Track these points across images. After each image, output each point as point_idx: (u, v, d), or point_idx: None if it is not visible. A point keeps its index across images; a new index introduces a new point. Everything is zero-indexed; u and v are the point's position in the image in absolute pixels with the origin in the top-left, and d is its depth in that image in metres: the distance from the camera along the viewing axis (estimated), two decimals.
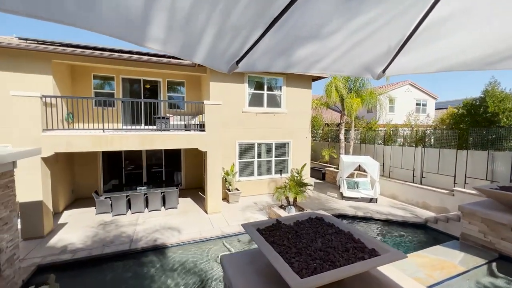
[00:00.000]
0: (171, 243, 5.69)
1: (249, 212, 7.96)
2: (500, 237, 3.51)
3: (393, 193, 10.42)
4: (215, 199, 7.65)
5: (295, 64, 1.39)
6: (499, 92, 9.50)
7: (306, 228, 2.08)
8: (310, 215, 2.41)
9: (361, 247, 1.84)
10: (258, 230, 2.04)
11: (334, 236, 1.99)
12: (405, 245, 6.29)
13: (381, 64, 1.41)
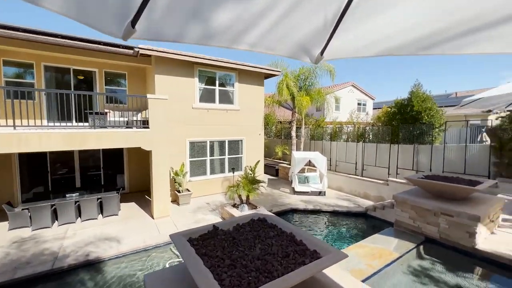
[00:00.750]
0: (108, 256, 4.95)
1: (201, 213, 7.52)
2: (426, 222, 3.84)
3: (339, 185, 11.08)
4: (163, 202, 7.00)
5: (216, 34, 1.12)
6: (421, 93, 10.83)
7: (246, 233, 1.86)
8: (252, 217, 2.20)
9: (302, 249, 1.68)
10: (190, 240, 1.73)
11: (276, 239, 1.81)
12: (349, 233, 6.65)
13: (318, 44, 1.25)
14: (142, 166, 9.10)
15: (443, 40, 1.06)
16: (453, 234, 3.54)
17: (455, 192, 3.86)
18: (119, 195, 7.10)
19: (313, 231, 6.51)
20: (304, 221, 7.33)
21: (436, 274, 3.15)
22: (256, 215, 2.25)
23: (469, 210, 3.51)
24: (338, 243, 5.76)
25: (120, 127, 6.64)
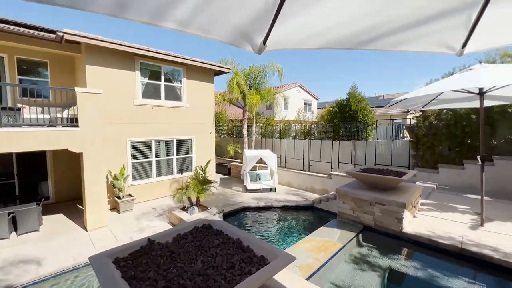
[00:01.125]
0: (22, 283, 4.06)
1: (146, 220, 6.86)
2: (364, 212, 4.18)
3: (289, 181, 11.50)
4: (98, 211, 6.13)
5: (132, 2, 0.87)
6: (357, 94, 12.01)
7: (187, 244, 1.65)
8: (196, 224, 1.99)
9: (249, 257, 1.56)
10: (116, 261, 1.44)
11: (221, 248, 1.64)
12: (298, 227, 6.92)
13: (260, 32, 1.13)
14: (73, 171, 7.84)
15: (380, 36, 1.06)
16: (385, 221, 3.92)
17: (387, 183, 4.30)
18: (41, 207, 5.95)
19: (265, 228, 6.55)
20: (257, 219, 7.34)
21: (372, 259, 3.42)
22: (200, 221, 2.04)
23: (397, 198, 3.92)
24: (289, 238, 5.91)
25: (41, 125, 5.54)
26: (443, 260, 3.40)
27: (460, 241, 3.47)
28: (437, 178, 8.19)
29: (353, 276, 3.05)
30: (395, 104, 5.20)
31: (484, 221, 4.04)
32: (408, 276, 3.19)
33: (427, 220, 4.22)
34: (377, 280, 3.02)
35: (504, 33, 1.13)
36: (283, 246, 5.26)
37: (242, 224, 6.91)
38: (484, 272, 3.09)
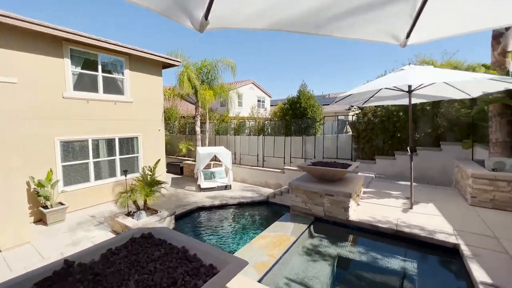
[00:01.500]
0: None
1: (83, 230, 5.96)
2: (315, 203, 4.32)
3: (244, 177, 11.45)
4: (15, 225, 5.06)
5: None
6: (307, 92, 12.61)
7: (119, 261, 1.36)
8: (133, 234, 1.69)
9: (196, 267, 1.36)
10: None
11: (162, 261, 1.40)
12: (254, 223, 6.90)
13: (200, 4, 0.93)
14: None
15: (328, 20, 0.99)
16: (334, 211, 4.11)
17: (334, 174, 4.52)
18: None
19: (221, 227, 6.34)
20: (212, 218, 7.07)
21: (323, 249, 3.54)
22: (139, 231, 1.75)
23: (343, 188, 4.14)
24: (246, 235, 5.82)
25: None
26: (383, 242, 3.73)
27: (395, 223, 3.85)
28: (375, 168, 9.11)
29: (306, 268, 3.10)
30: (340, 101, 5.51)
31: (413, 204, 4.59)
32: (354, 261, 3.39)
33: (369, 207, 4.59)
34: (328, 269, 3.12)
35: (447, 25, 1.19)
36: (239, 244, 5.14)
37: (197, 225, 6.57)
38: (414, 250, 3.48)
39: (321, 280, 2.90)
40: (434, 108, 8.38)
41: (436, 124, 8.43)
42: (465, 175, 5.11)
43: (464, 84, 4.42)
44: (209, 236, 5.71)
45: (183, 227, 6.33)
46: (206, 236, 5.71)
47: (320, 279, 2.91)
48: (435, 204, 4.71)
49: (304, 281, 2.87)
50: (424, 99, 5.41)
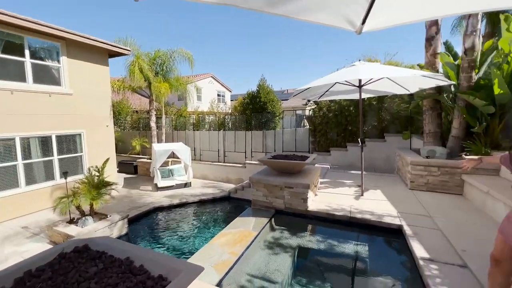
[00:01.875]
0: None
1: (12, 245, 5.06)
2: (275, 196, 4.34)
3: (204, 173, 11.10)
4: None
5: None
6: (266, 87, 12.70)
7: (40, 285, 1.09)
8: (63, 248, 1.40)
9: (142, 281, 1.17)
10: None
11: (99, 277, 1.17)
12: (216, 220, 6.71)
13: None
14: None
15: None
16: (293, 203, 4.19)
17: (294, 167, 4.60)
18: None
19: (181, 227, 6.00)
20: (171, 218, 6.66)
21: (284, 241, 3.58)
22: (72, 243, 1.46)
23: (302, 180, 4.24)
24: (209, 232, 5.62)
25: None
26: (338, 229, 3.93)
27: (349, 210, 4.09)
28: (330, 159, 9.65)
29: (267, 262, 3.08)
30: (298, 95, 5.62)
31: (363, 191, 4.95)
32: (313, 249, 3.50)
33: (325, 197, 4.81)
34: (289, 260, 3.16)
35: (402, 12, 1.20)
36: (201, 244, 4.93)
37: (154, 227, 6.11)
38: (366, 233, 3.74)
39: (283, 272, 2.91)
40: (379, 103, 9.18)
41: (381, 117, 9.26)
42: (405, 163, 5.71)
43: (405, 80, 4.88)
44: (168, 237, 5.36)
45: (138, 230, 5.83)
46: (165, 238, 5.35)
47: (282, 271, 2.92)
48: (382, 190, 5.17)
49: (266, 275, 2.84)
50: (371, 94, 5.85)
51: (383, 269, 3.11)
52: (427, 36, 5.82)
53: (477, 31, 4.95)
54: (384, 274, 2.99)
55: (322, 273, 3.06)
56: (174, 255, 4.48)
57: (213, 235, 3.64)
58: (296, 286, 2.78)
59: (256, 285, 2.69)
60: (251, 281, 2.73)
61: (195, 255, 3.02)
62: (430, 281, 2.37)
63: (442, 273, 2.50)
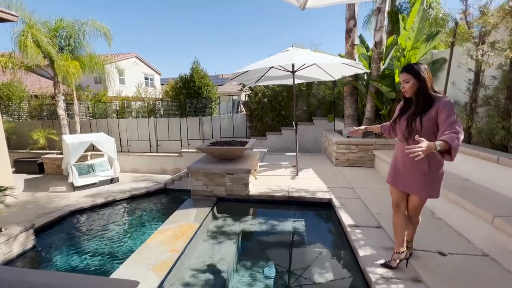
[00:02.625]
0: None
1: None
2: (216, 184, 4.19)
3: (135, 166, 9.96)
4: None
5: None
6: (200, 70, 11.99)
7: None
8: None
9: None
10: None
11: None
12: (153, 215, 6.12)
13: None
14: None
15: None
16: (235, 189, 4.14)
17: (233, 153, 4.52)
18: None
19: (109, 230, 5.20)
20: (95, 220, 5.73)
21: (227, 228, 3.51)
22: None
23: (242, 165, 4.21)
24: (144, 233, 5.07)
25: None
26: (278, 209, 4.12)
27: (287, 190, 4.31)
28: (266, 143, 10.01)
29: (212, 252, 2.96)
30: (234, 80, 5.45)
31: (298, 171, 5.31)
32: (255, 232, 3.56)
33: (265, 179, 4.94)
34: (234, 247, 3.12)
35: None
36: (136, 245, 4.40)
37: (73, 234, 5.12)
38: (302, 209, 4.04)
39: (228, 260, 2.85)
40: (308, 89, 9.91)
41: (309, 102, 10.05)
42: (330, 143, 6.39)
43: (331, 68, 5.32)
44: (93, 244, 4.57)
45: (51, 241, 4.78)
46: (89, 246, 4.55)
47: (227, 259, 2.86)
48: (313, 169, 5.67)
49: (212, 267, 2.73)
50: (302, 80, 6.19)
51: (318, 239, 3.43)
52: (347, 28, 6.45)
53: (383, 27, 5.75)
54: (319, 243, 3.30)
55: (265, 253, 3.15)
56: (104, 263, 3.87)
57: (150, 232, 3.27)
58: (242, 270, 2.77)
59: (202, 279, 2.56)
60: (196, 276, 2.57)
61: (129, 259, 2.64)
62: (356, 244, 2.72)
63: (364, 235, 2.90)
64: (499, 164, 2.87)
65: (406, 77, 1.94)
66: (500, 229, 2.27)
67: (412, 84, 1.92)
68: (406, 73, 1.94)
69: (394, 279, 2.14)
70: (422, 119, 1.89)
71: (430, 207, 3.41)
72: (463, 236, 2.79)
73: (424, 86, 1.88)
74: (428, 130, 1.87)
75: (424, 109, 1.90)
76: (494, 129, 3.40)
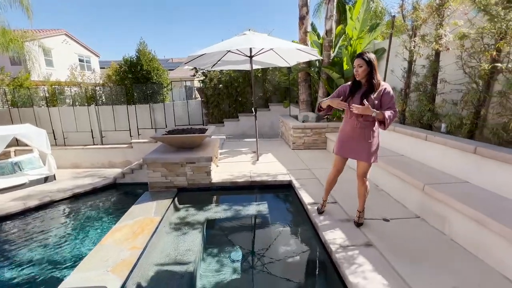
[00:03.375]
0: None
1: None
2: (176, 175, 4.00)
3: (75, 161, 8.80)
4: None
5: None
6: (148, 53, 10.92)
7: None
8: None
9: None
10: None
11: None
12: (103, 215, 5.55)
13: None
14: None
15: None
16: (196, 178, 4.01)
17: (193, 141, 4.33)
18: None
19: (46, 237, 4.53)
20: (30, 227, 4.92)
21: (191, 219, 3.42)
22: None
23: (203, 154, 4.08)
24: (97, 233, 4.57)
25: None
26: (242, 194, 4.16)
27: (249, 175, 4.36)
28: (224, 130, 9.88)
29: (177, 245, 2.85)
30: (188, 64, 5.13)
31: (259, 156, 5.41)
32: (220, 219, 3.54)
33: (227, 166, 4.90)
34: (199, 237, 3.06)
35: None
36: (86, 247, 3.96)
37: (1, 246, 4.32)
38: (265, 193, 4.16)
39: (194, 250, 2.79)
40: (263, 75, 9.97)
41: (265, 89, 10.16)
42: (287, 128, 6.63)
43: (286, 54, 5.41)
44: (32, 252, 3.94)
45: None
46: (27, 254, 3.91)
47: (193, 250, 2.80)
48: (273, 153, 5.84)
49: (178, 259, 2.64)
50: (259, 65, 6.17)
51: (281, 218, 3.60)
52: (300, 15, 6.59)
53: (333, 16, 6.06)
54: (283, 222, 3.47)
55: (231, 238, 3.17)
56: (49, 272, 3.39)
57: (105, 233, 2.97)
58: (208, 258, 2.75)
59: (168, 272, 2.45)
60: (162, 270, 2.45)
61: (81, 264, 2.35)
62: (316, 220, 2.94)
63: None
64: (427, 141, 3.40)
65: (360, 62, 2.26)
66: (429, 195, 2.72)
67: (364, 69, 2.26)
68: (360, 59, 2.26)
69: (350, 247, 2.40)
70: (371, 98, 2.29)
71: (374, 180, 3.87)
72: (401, 203, 3.27)
73: (373, 71, 2.26)
74: (374, 107, 2.26)
75: (372, 90, 2.29)
76: (422, 111, 3.98)
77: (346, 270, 2.09)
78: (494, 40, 2.89)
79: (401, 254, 2.26)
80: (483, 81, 3.07)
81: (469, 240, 2.28)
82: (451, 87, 3.55)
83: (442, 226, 2.60)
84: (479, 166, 2.67)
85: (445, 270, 2.04)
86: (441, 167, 3.19)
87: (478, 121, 3.17)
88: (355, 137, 2.48)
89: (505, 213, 2.07)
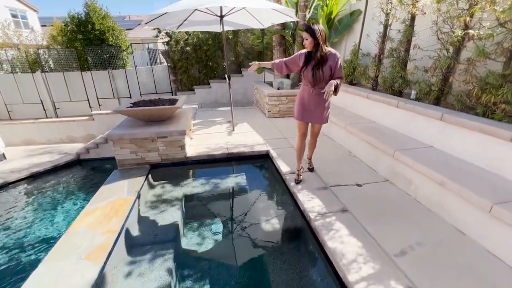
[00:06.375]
0: None
1: None
2: (147, 150, 3.74)
3: (27, 138, 7.86)
4: None
5: None
6: (99, 9, 9.37)
7: None
8: None
9: None
10: None
11: None
12: (67, 195, 5.16)
13: None
14: None
15: None
16: (170, 153, 3.81)
17: (163, 113, 4.00)
18: None
19: (6, 222, 4.14)
20: None
21: (168, 195, 3.31)
22: None
23: (176, 127, 3.83)
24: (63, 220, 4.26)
25: None
26: (219, 167, 4.08)
27: (226, 147, 4.25)
28: (195, 98, 9.36)
29: (155, 223, 2.76)
30: (150, 24, 4.49)
31: (234, 127, 5.25)
32: (198, 194, 3.49)
33: (201, 139, 4.71)
34: (178, 213, 2.99)
35: None
36: (53, 236, 3.71)
37: None
38: (243, 164, 4.13)
39: (174, 227, 2.75)
40: (234, 38, 9.27)
41: (237, 52, 9.55)
42: (262, 95, 6.44)
43: (260, 14, 4.96)
44: None
45: None
46: None
47: (173, 227, 2.75)
48: (248, 123, 5.71)
49: (158, 237, 2.58)
50: (231, 26, 5.63)
51: (260, 189, 3.66)
52: None
53: None
54: (262, 192, 3.53)
55: (211, 211, 3.17)
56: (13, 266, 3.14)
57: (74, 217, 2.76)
58: (189, 233, 2.74)
59: (149, 252, 2.40)
60: (141, 251, 2.38)
61: (51, 253, 2.17)
62: (294, 190, 3.01)
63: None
64: (398, 108, 3.51)
65: (306, 36, 2.39)
66: (398, 159, 2.89)
67: (310, 41, 2.39)
68: (306, 33, 2.39)
69: (327, 214, 2.53)
70: (323, 68, 2.47)
71: (347, 147, 4.02)
72: (372, 168, 3.47)
73: (319, 44, 2.37)
74: (326, 76, 2.50)
75: (321, 62, 2.44)
76: (394, 78, 4.05)
77: (324, 236, 2.21)
78: (468, 5, 2.88)
79: (373, 216, 2.45)
80: (453, 48, 3.12)
81: (432, 200, 2.52)
82: (424, 53, 3.59)
83: (408, 188, 2.83)
84: (443, 132, 2.85)
85: (411, 229, 2.26)
86: (410, 133, 3.37)
87: (445, 88, 3.31)
88: (311, 103, 2.71)
89: (464, 175, 2.28)
